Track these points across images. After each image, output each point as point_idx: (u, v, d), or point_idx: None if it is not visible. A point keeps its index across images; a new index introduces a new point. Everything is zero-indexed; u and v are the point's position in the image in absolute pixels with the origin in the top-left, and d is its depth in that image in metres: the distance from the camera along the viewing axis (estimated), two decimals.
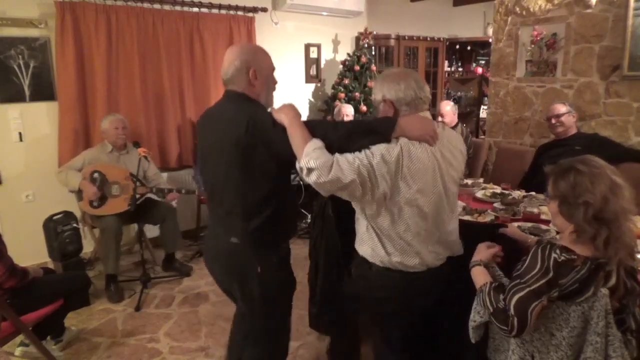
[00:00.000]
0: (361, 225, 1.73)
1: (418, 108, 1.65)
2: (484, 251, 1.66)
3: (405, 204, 1.57)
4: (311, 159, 1.48)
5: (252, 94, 1.68)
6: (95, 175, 3.34)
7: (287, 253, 1.83)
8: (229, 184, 1.65)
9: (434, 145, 1.58)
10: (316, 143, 1.51)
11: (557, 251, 1.38)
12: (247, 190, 1.63)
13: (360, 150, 1.53)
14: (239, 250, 1.68)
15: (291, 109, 1.60)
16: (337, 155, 1.51)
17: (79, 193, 3.37)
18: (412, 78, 1.67)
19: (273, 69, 1.75)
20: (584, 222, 1.37)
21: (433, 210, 1.62)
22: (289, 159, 1.56)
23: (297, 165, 1.54)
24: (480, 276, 1.58)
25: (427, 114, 1.68)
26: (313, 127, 1.56)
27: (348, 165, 1.48)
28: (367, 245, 1.70)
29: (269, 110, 1.69)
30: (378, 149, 1.53)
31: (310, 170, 1.48)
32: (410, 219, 1.59)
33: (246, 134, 1.55)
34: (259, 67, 1.67)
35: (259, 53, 1.73)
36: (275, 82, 1.78)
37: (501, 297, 1.42)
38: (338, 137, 1.55)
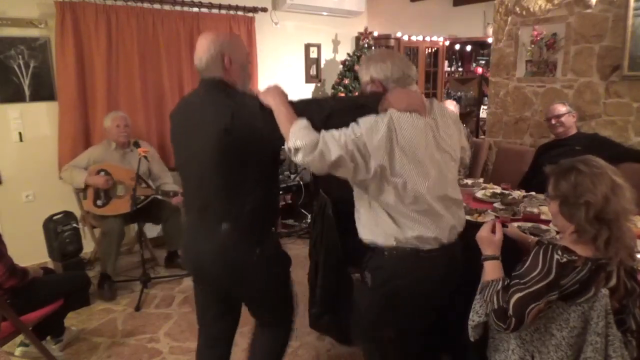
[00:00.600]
0: (363, 211, 1.69)
1: (406, 84, 1.66)
2: (494, 243, 1.60)
3: (407, 174, 1.55)
4: (297, 139, 1.48)
5: (229, 81, 1.66)
6: (101, 173, 3.34)
7: (277, 238, 1.86)
8: (218, 175, 1.62)
9: (424, 115, 1.59)
10: (302, 122, 1.51)
11: (559, 252, 1.38)
12: (237, 179, 1.62)
13: (347, 125, 1.53)
14: (232, 238, 1.63)
15: (277, 90, 1.60)
16: (323, 132, 1.51)
17: (83, 191, 3.36)
18: (397, 56, 1.70)
19: (247, 54, 1.74)
20: (585, 222, 1.37)
21: (436, 178, 1.60)
22: (278, 142, 1.57)
23: (286, 146, 1.54)
24: (495, 271, 1.54)
25: (416, 88, 1.70)
26: (300, 107, 1.57)
27: (334, 141, 1.48)
28: (376, 229, 1.64)
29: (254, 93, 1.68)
30: (366, 122, 1.53)
31: (297, 150, 1.49)
32: (414, 189, 1.56)
33: (232, 122, 1.53)
34: (234, 54, 1.65)
35: (233, 40, 1.71)
36: (249, 63, 1.77)
37: (507, 297, 1.42)
38: (325, 115, 1.56)
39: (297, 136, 1.49)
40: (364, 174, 1.54)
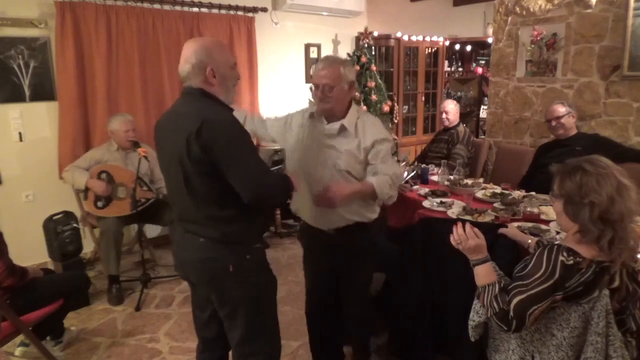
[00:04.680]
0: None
1: None
2: (482, 246, 1.56)
3: None
4: (391, 193, 1.92)
5: (210, 91, 1.62)
6: (103, 175, 3.33)
7: (261, 253, 1.76)
8: (187, 188, 1.58)
9: None
10: (379, 181, 1.88)
11: (565, 253, 1.37)
12: (207, 192, 1.58)
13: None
14: (209, 250, 1.63)
15: (343, 188, 1.80)
16: (384, 169, 1.91)
17: (84, 192, 3.36)
18: None
19: (231, 64, 1.67)
20: (589, 222, 1.36)
21: None
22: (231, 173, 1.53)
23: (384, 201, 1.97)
24: (488, 274, 1.52)
25: None
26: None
27: (392, 166, 1.98)
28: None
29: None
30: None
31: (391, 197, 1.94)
32: None
33: (198, 137, 1.48)
34: (216, 64, 1.60)
35: (216, 50, 1.63)
36: (236, 78, 1.71)
37: (507, 298, 1.42)
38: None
39: (391, 192, 1.91)
40: None
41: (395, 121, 5.52)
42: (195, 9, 4.16)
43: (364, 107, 4.90)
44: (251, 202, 1.56)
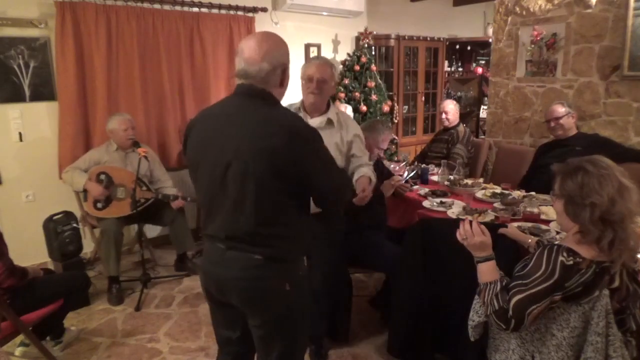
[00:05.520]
0: None
1: None
2: (487, 244, 1.55)
3: None
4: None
5: (276, 94, 1.47)
6: (102, 176, 3.33)
7: (305, 265, 1.65)
8: (258, 202, 1.39)
9: None
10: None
11: (564, 254, 1.37)
12: (274, 207, 1.42)
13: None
14: (264, 268, 1.46)
15: (367, 185, 2.13)
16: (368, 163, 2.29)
17: (84, 193, 3.36)
18: None
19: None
20: (589, 223, 1.36)
21: None
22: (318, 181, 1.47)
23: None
24: (491, 272, 1.52)
25: None
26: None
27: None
28: None
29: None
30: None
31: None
32: None
33: (287, 146, 1.33)
34: (288, 67, 1.49)
35: (287, 49, 1.52)
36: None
37: (507, 297, 1.42)
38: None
39: (374, 179, 2.23)
40: None
41: (395, 121, 5.53)
42: (195, 9, 4.16)
43: (364, 108, 4.90)
44: (330, 206, 1.69)
